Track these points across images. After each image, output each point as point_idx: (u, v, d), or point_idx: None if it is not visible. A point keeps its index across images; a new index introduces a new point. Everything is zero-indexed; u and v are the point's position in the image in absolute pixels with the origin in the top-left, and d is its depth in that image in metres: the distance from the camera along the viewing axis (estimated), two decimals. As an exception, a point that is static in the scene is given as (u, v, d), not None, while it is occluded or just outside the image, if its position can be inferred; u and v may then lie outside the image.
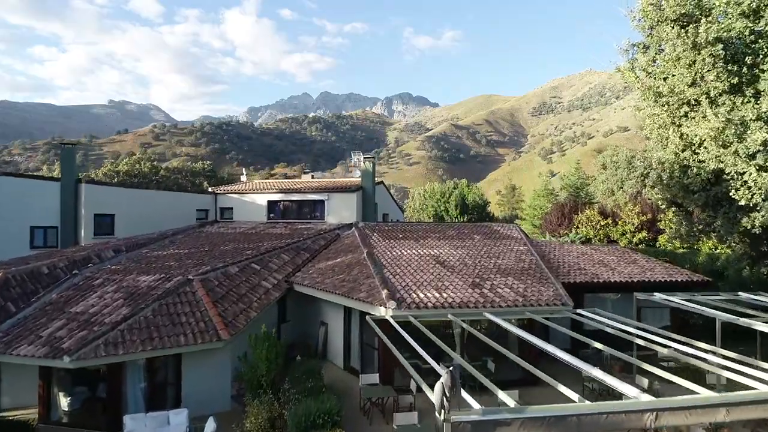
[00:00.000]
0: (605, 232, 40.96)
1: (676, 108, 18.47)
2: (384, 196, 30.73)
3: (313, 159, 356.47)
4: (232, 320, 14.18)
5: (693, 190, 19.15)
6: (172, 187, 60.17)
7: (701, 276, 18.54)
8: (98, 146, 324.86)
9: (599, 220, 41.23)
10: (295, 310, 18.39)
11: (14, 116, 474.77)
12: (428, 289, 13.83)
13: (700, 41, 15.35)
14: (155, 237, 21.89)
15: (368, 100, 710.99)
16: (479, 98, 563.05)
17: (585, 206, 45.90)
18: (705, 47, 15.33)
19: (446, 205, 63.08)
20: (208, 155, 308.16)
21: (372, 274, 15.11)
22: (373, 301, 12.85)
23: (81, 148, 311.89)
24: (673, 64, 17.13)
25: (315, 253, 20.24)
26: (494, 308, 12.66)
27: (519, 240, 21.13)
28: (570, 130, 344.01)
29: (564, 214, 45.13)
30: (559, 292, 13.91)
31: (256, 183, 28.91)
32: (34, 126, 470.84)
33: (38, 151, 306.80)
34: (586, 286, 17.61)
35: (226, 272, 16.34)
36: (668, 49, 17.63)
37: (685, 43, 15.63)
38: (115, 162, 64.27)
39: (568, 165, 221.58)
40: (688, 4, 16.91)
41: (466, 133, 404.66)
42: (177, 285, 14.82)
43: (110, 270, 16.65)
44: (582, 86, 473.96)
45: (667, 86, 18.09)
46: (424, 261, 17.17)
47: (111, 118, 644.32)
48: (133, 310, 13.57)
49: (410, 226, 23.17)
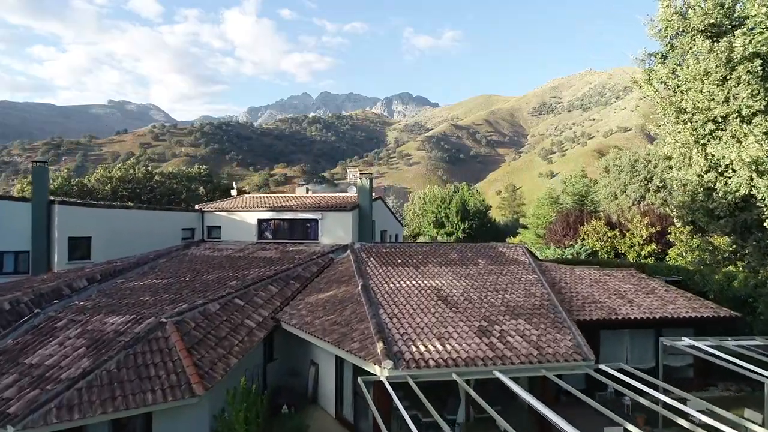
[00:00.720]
0: (612, 244, 39.34)
1: (700, 125, 16.82)
2: (382, 212, 29.12)
3: (313, 159, 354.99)
4: (209, 370, 12.57)
5: (718, 216, 17.51)
6: (166, 194, 56.99)
7: (728, 311, 16.91)
8: (98, 146, 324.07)
9: (606, 232, 39.63)
10: (284, 347, 16.79)
11: (14, 116, 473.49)
12: (429, 337, 12.23)
13: (735, 56, 13.70)
14: (135, 262, 20.29)
15: (368, 100, 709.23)
16: (479, 98, 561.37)
17: (591, 216, 44.24)
18: (741, 62, 13.68)
19: (447, 211, 61.59)
20: (207, 155, 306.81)
21: (366, 316, 13.50)
22: (366, 356, 11.24)
23: (80, 149, 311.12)
24: (700, 79, 15.50)
25: (306, 282, 18.63)
26: (505, 365, 11.05)
27: (527, 266, 19.51)
28: (570, 130, 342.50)
29: (569, 225, 43.55)
30: (578, 342, 12.30)
31: (246, 199, 27.24)
32: (33, 126, 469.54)
33: (37, 152, 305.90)
34: (603, 323, 16.02)
35: (205, 311, 14.73)
36: (692, 61, 16.00)
37: (718, 58, 13.98)
38: (108, 167, 62.35)
39: (567, 165, 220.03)
40: (717, 14, 15.28)
41: (466, 134, 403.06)
42: (148, 330, 13.21)
43: (77, 308, 15.04)
44: (582, 86, 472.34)
45: (690, 102, 16.45)
46: (425, 296, 15.57)
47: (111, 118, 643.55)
48: (95, 362, 11.96)
49: (409, 249, 21.57)
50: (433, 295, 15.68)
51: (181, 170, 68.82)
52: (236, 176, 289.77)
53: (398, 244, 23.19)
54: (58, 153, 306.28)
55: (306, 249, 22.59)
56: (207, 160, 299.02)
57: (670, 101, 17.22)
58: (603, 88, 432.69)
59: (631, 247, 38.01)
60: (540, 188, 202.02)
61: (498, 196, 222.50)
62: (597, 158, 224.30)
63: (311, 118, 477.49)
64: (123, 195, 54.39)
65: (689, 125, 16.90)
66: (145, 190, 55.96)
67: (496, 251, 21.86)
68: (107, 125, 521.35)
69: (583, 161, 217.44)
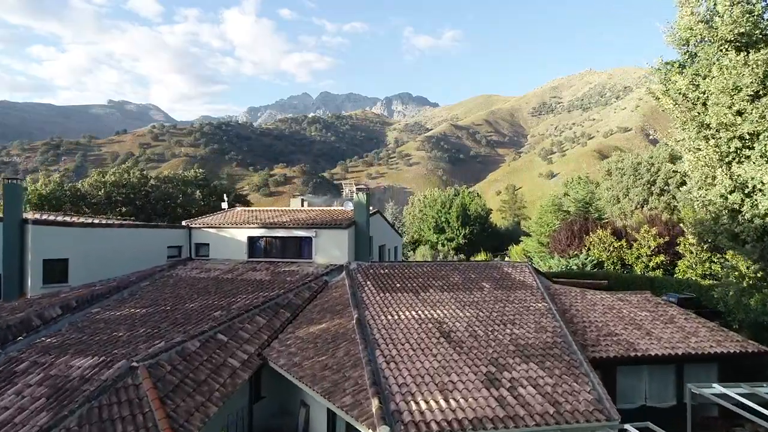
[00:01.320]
0: (619, 254, 37.96)
1: (725, 143, 15.43)
2: (380, 225, 27.73)
3: (312, 159, 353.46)
4: (184, 423, 11.20)
5: (744, 240, 16.12)
6: (161, 198, 55.16)
7: (756, 345, 15.54)
8: (97, 147, 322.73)
9: (612, 242, 38.23)
10: (273, 383, 15.42)
11: (13, 116, 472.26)
12: (431, 389, 10.86)
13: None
14: (115, 285, 18.92)
15: (368, 100, 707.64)
16: (479, 98, 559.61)
17: (596, 224, 42.77)
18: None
19: (447, 216, 60.36)
20: (207, 155, 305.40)
21: (361, 359, 12.13)
22: (360, 415, 9.87)
23: (80, 149, 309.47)
24: (728, 93, 14.11)
25: (298, 310, 17.25)
26: (518, 427, 9.68)
27: (535, 291, 18.15)
28: (570, 130, 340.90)
29: (573, 234, 42.14)
30: (598, 394, 10.92)
31: (236, 214, 25.78)
32: (33, 126, 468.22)
33: (37, 152, 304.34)
34: (620, 360, 14.66)
35: (183, 351, 13.35)
36: (718, 73, 14.62)
37: (754, 72, 12.60)
38: (102, 172, 60.97)
39: (568, 165, 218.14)
40: (746, 22, 13.90)
41: (466, 134, 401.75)
42: (117, 377, 11.83)
43: (42, 347, 13.67)
44: (582, 86, 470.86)
45: (715, 117, 15.07)
46: (426, 330, 14.20)
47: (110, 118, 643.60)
48: (54, 417, 10.59)
49: (409, 270, 20.19)
50: (435, 329, 14.31)
51: (177, 174, 67.08)
52: (236, 176, 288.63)
53: (397, 264, 21.80)
54: (58, 153, 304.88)
55: (299, 269, 21.20)
56: (206, 160, 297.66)
57: (692, 116, 15.84)
58: (603, 88, 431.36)
59: (639, 258, 36.65)
60: (540, 188, 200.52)
61: (498, 196, 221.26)
62: (597, 159, 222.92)
63: (311, 118, 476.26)
64: (117, 200, 52.60)
65: (712, 142, 15.54)
66: (140, 194, 54.42)
67: (501, 272, 20.49)
68: (107, 125, 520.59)
69: (584, 162, 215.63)
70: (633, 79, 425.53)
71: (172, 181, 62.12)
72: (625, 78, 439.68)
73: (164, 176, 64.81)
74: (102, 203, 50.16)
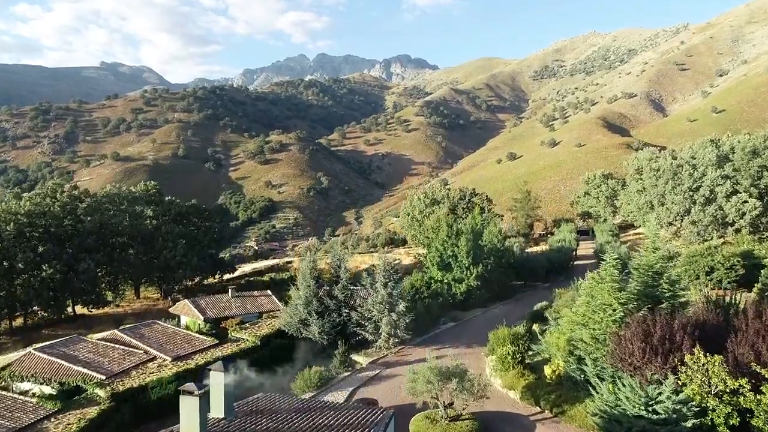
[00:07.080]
0: (736, 402, 16.08)
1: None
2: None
3: (309, 125, 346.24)
4: None
5: None
6: (96, 230, 46.24)
7: None
8: (88, 112, 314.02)
9: (725, 378, 15.95)
10: None
11: (2, 78, 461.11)
12: None
13: None
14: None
15: (366, 62, 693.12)
16: (479, 61, 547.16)
17: (685, 326, 17.47)
18: None
19: (454, 249, 41.92)
20: (200, 121, 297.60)
21: None
22: None
23: (70, 114, 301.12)
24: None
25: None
26: None
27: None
28: (572, 95, 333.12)
29: (652, 346, 13.19)
30: None
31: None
32: (24, 88, 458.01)
33: (26, 117, 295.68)
34: None
35: None
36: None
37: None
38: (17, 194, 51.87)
39: (570, 132, 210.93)
40: None
41: (466, 98, 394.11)
42: None
43: None
44: (585, 49, 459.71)
45: None
46: None
47: (103, 80, 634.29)
48: None
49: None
50: None
51: (120, 191, 56.70)
52: (230, 143, 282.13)
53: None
54: (47, 119, 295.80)
55: None
56: (200, 126, 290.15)
57: None
58: (607, 51, 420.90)
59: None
60: (542, 156, 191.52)
61: (499, 165, 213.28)
62: (601, 126, 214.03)
63: (308, 82, 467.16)
64: (33, 236, 41.36)
65: None
66: (66, 227, 43.74)
67: None
68: (100, 88, 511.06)
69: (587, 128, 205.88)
70: (638, 42, 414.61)
71: (114, 200, 52.43)
72: (630, 40, 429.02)
73: (103, 195, 54.36)
74: (10, 241, 39.54)
